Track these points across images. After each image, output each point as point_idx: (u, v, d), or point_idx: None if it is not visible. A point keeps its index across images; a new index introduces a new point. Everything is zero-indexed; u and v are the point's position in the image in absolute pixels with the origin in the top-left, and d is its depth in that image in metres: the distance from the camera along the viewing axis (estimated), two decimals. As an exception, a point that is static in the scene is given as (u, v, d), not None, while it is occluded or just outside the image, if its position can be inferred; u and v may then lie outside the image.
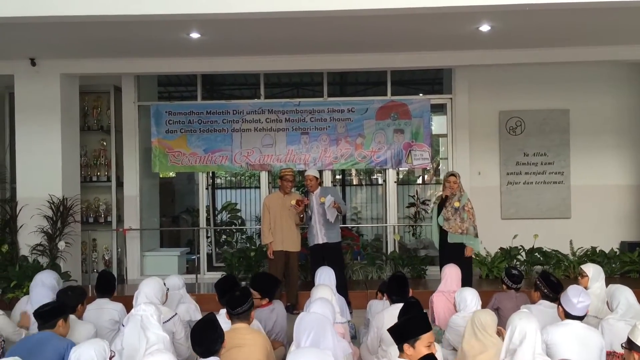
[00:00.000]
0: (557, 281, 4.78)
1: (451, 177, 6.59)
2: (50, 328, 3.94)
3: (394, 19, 5.70)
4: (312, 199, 6.93)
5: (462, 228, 6.40)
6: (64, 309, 4.09)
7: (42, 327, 3.96)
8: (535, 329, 3.36)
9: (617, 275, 7.77)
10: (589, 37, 6.83)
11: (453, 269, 5.40)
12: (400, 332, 3.24)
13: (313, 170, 7.25)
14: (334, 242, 6.98)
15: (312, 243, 7.00)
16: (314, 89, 9.28)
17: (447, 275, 5.34)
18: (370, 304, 5.40)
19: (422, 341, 3.16)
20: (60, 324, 3.98)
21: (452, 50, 7.38)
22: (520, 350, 3.30)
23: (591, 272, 4.94)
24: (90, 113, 8.88)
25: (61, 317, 4.00)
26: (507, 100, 8.71)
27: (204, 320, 3.46)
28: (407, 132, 8.53)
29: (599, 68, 8.53)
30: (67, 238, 7.50)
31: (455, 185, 6.51)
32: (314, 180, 6.99)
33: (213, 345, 3.34)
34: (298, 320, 3.55)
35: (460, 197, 6.48)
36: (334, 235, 6.97)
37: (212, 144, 8.58)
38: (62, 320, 4.00)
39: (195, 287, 7.87)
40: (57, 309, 4.03)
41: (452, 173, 6.72)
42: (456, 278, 5.32)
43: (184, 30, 6.23)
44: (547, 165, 8.69)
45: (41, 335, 3.89)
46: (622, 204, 8.71)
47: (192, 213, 10.66)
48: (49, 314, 3.97)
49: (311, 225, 6.99)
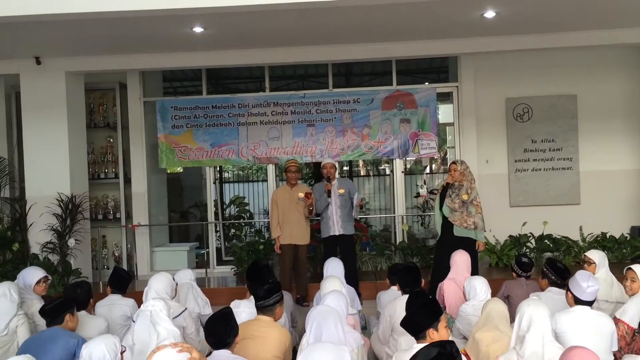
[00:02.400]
0: (564, 267, 4.80)
1: (452, 164, 6.51)
2: (59, 324, 3.94)
3: (398, 7, 5.66)
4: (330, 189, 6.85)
5: (467, 222, 6.27)
6: (69, 303, 4.08)
7: (50, 323, 3.96)
8: (544, 314, 3.33)
9: (628, 260, 7.72)
10: (595, 21, 6.75)
11: (463, 256, 5.38)
12: (417, 321, 3.27)
13: (329, 159, 7.17)
14: (349, 234, 6.96)
15: (326, 234, 6.90)
16: (319, 81, 9.25)
17: (457, 262, 5.33)
18: (379, 295, 5.39)
19: (442, 322, 3.29)
20: (68, 319, 3.99)
21: (457, 38, 7.32)
22: (529, 336, 3.28)
23: (597, 259, 4.92)
24: (96, 110, 8.91)
25: (68, 311, 4.00)
26: (514, 86, 8.64)
27: (220, 314, 3.46)
28: (413, 121, 8.49)
29: (606, 52, 8.43)
30: (77, 235, 7.55)
31: (456, 172, 6.35)
32: (334, 168, 6.95)
33: (225, 337, 3.34)
34: (307, 314, 3.56)
35: (471, 190, 6.33)
36: (349, 227, 6.93)
37: (219, 138, 8.58)
38: (70, 315, 4.00)
39: (205, 282, 7.90)
40: (61, 304, 4.01)
41: (454, 161, 6.62)
42: (466, 264, 5.31)
43: (187, 24, 6.22)
44: (556, 151, 8.63)
45: (50, 331, 3.89)
46: (631, 188, 8.64)
47: (200, 208, 10.69)
48: (55, 310, 3.96)
49: (327, 215, 6.86)
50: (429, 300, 3.46)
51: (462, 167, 6.44)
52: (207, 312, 5.26)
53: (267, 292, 3.90)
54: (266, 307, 3.89)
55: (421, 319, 3.27)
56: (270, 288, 3.95)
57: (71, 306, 4.06)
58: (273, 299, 3.90)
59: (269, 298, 3.88)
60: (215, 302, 5.50)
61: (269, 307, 3.90)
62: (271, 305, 3.90)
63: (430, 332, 3.23)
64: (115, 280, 4.98)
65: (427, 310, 3.32)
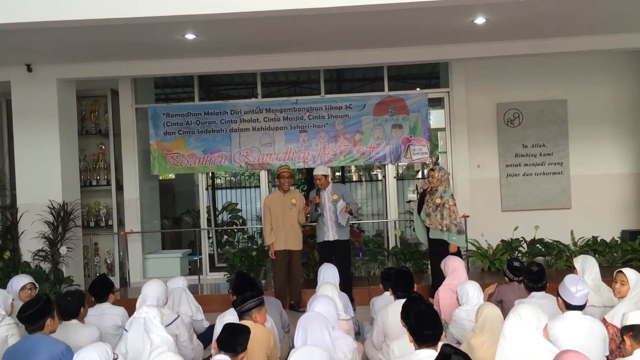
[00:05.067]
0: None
1: (430, 171, 6.68)
2: (40, 330, 3.82)
3: (389, 14, 5.69)
4: (324, 196, 6.87)
5: (442, 225, 6.44)
6: (49, 306, 3.92)
7: (31, 329, 3.81)
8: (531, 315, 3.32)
9: (619, 264, 7.77)
10: (584, 26, 6.81)
11: (457, 262, 5.40)
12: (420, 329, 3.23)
13: (322, 169, 7.07)
14: (344, 240, 6.97)
15: (321, 239, 6.92)
16: (311, 87, 9.28)
17: (452, 269, 5.34)
18: (373, 301, 5.39)
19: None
20: (48, 323, 3.86)
21: (448, 44, 7.37)
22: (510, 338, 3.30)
23: (579, 265, 4.87)
24: (88, 117, 8.88)
25: (48, 316, 3.87)
26: (505, 92, 8.71)
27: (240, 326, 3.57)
28: (405, 127, 8.53)
29: (595, 57, 8.53)
30: (69, 243, 7.51)
31: (433, 179, 6.54)
32: (324, 179, 6.93)
33: (235, 345, 3.39)
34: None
35: (443, 194, 6.50)
36: (344, 233, 6.95)
37: (211, 144, 8.58)
38: (50, 319, 3.88)
39: (198, 289, 7.87)
40: (41, 309, 3.85)
41: (432, 167, 6.80)
42: (461, 271, 5.33)
43: (179, 31, 6.23)
44: (546, 156, 8.69)
45: (33, 340, 3.74)
46: (622, 192, 8.72)
47: (192, 214, 10.67)
48: (34, 317, 3.82)
49: (322, 222, 6.89)
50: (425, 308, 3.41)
51: (440, 173, 6.59)
52: (200, 317, 5.24)
53: (242, 298, 3.94)
54: (244, 311, 3.93)
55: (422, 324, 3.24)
56: (248, 294, 3.98)
57: (51, 309, 3.92)
58: (248, 305, 3.93)
59: (244, 303, 3.91)
60: (208, 309, 5.48)
61: (247, 312, 3.93)
62: (248, 311, 3.93)
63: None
64: (96, 291, 4.89)
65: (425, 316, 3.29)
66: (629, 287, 4.24)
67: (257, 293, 4.05)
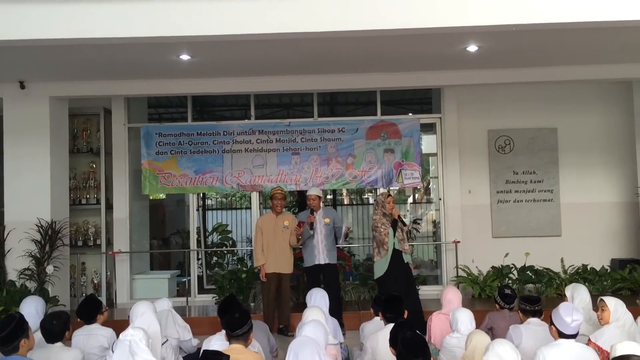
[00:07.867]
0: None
1: (389, 197, 6.78)
2: (15, 351, 3.67)
3: (382, 40, 5.74)
4: (317, 218, 6.86)
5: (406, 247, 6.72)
6: (22, 326, 3.77)
7: (6, 351, 3.66)
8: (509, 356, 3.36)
9: (609, 292, 7.76)
10: (575, 56, 6.91)
11: (452, 294, 5.32)
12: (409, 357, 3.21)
13: (315, 190, 7.16)
14: (334, 263, 6.95)
15: (310, 263, 6.88)
16: (304, 110, 9.31)
17: (447, 301, 5.26)
18: (363, 326, 5.33)
19: None
20: (22, 344, 3.72)
21: (440, 70, 7.44)
22: None
23: (569, 293, 4.95)
24: (80, 135, 8.84)
25: (21, 337, 3.72)
26: (496, 119, 8.78)
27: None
28: (397, 151, 8.56)
29: (586, 87, 8.64)
30: (56, 262, 7.42)
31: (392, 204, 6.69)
32: (317, 200, 6.95)
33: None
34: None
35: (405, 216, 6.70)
36: (333, 256, 6.94)
37: (203, 165, 8.56)
38: (25, 339, 3.75)
39: (186, 311, 7.76)
40: (14, 331, 3.70)
41: (389, 194, 6.97)
42: (457, 301, 5.24)
43: (174, 52, 6.25)
44: (537, 183, 8.74)
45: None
46: (611, 221, 8.76)
47: (182, 235, 10.57)
48: (7, 339, 3.68)
49: (312, 245, 6.86)
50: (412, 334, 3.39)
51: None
52: (188, 337, 5.16)
53: (242, 320, 3.88)
54: (242, 335, 3.86)
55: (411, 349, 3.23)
56: (244, 316, 3.93)
57: (24, 330, 3.77)
58: (247, 326, 3.88)
59: (244, 325, 3.86)
60: (197, 331, 5.39)
61: (244, 335, 3.87)
62: (246, 333, 3.87)
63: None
64: (83, 312, 4.79)
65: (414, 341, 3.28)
66: (610, 311, 4.32)
67: (249, 314, 4.02)
